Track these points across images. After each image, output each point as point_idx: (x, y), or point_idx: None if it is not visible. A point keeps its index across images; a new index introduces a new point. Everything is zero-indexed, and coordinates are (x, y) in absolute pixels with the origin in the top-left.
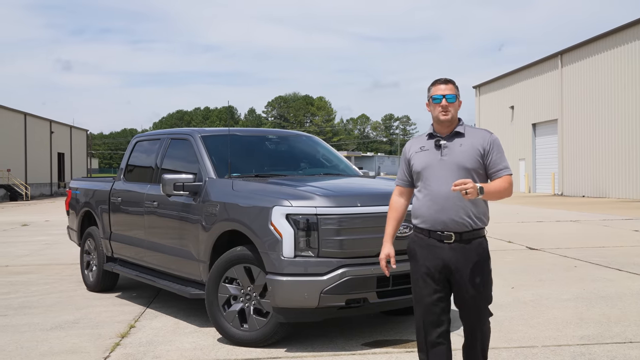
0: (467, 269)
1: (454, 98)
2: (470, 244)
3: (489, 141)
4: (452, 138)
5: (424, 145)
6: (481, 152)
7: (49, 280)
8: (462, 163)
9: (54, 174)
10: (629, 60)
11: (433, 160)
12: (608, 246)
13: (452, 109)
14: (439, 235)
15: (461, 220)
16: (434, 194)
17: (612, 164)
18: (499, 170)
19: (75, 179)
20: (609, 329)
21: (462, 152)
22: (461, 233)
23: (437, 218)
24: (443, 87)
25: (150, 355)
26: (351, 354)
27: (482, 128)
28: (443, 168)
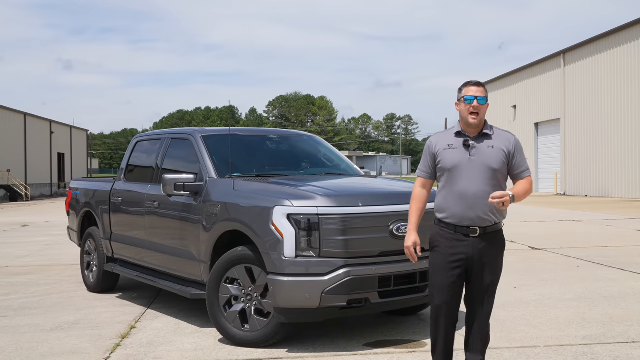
0: (488, 257)
1: (484, 100)
2: (492, 237)
3: (514, 144)
4: (480, 139)
5: (452, 143)
6: (506, 154)
7: (50, 281)
8: (489, 164)
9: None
10: (632, 59)
11: (462, 159)
12: (611, 246)
13: (481, 110)
14: (466, 230)
15: (487, 217)
16: (462, 192)
17: (615, 164)
18: (522, 172)
19: (75, 179)
20: (611, 329)
21: (489, 154)
22: (485, 227)
23: (465, 215)
24: (475, 89)
25: (151, 356)
26: (353, 354)
27: (505, 130)
28: (471, 168)
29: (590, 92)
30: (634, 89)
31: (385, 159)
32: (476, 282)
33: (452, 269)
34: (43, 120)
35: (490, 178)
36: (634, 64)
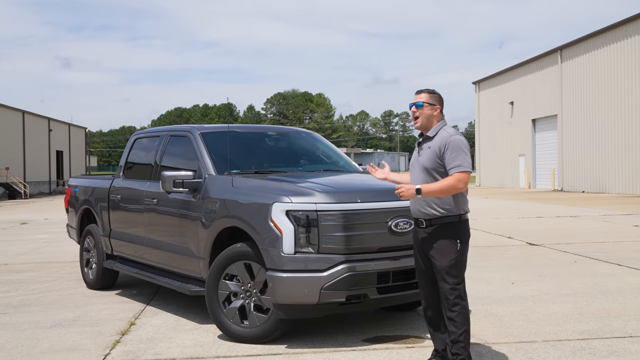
0: (434, 245)
1: (420, 104)
2: (440, 228)
3: (445, 142)
4: (425, 141)
5: (417, 144)
6: (438, 153)
7: (49, 278)
8: (424, 164)
9: (53, 172)
10: (628, 55)
11: (414, 158)
12: (608, 241)
13: (420, 114)
14: (416, 221)
15: (425, 210)
16: None
17: (612, 160)
18: (451, 169)
19: (74, 177)
20: (609, 324)
21: (425, 154)
22: (430, 220)
23: (412, 208)
24: (416, 96)
25: (150, 352)
26: (352, 350)
27: (451, 130)
28: (415, 166)
29: (587, 88)
30: (630, 85)
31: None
32: (430, 267)
33: (416, 254)
34: (41, 118)
35: (427, 176)
36: (630, 60)
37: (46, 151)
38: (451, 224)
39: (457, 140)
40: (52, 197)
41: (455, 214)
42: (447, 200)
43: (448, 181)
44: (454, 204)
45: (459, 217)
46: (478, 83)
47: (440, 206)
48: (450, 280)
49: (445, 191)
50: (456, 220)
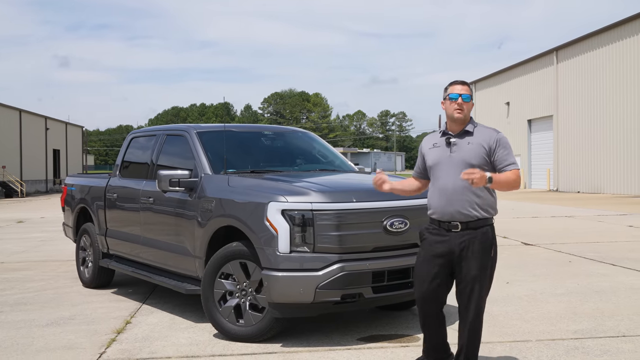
0: (471, 252)
1: (469, 98)
2: (475, 231)
3: (495, 139)
4: (461, 136)
5: (437, 142)
6: (486, 149)
7: (45, 277)
8: (467, 160)
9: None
10: (624, 57)
11: (443, 156)
12: (602, 241)
13: (466, 107)
14: (447, 225)
15: (466, 212)
16: (442, 187)
17: (607, 160)
18: (507, 165)
19: (70, 175)
20: (602, 323)
21: (469, 150)
22: (467, 222)
23: (445, 210)
24: (459, 87)
25: (146, 350)
26: (347, 348)
27: (491, 127)
28: (451, 164)
29: (582, 89)
30: (626, 86)
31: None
32: (460, 277)
33: (434, 262)
34: (38, 117)
35: None
36: (626, 61)
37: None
38: (488, 227)
39: (506, 139)
40: (48, 196)
41: (491, 217)
42: (490, 201)
43: (511, 175)
44: (493, 205)
45: (493, 220)
46: (474, 83)
47: (482, 207)
48: (484, 290)
49: (509, 185)
50: (491, 223)
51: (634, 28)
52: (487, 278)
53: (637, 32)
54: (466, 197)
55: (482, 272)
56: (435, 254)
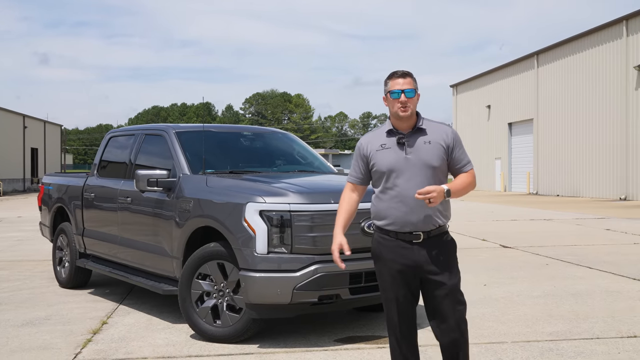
0: (439, 262)
1: (412, 93)
2: (439, 240)
3: (452, 137)
4: (414, 135)
5: (385, 142)
6: (445, 148)
7: (21, 277)
8: (428, 161)
9: (27, 169)
10: (603, 61)
11: (398, 160)
12: (580, 244)
13: (411, 104)
14: (408, 235)
15: (430, 220)
16: (402, 195)
17: (586, 164)
18: (464, 166)
19: (47, 174)
20: (577, 325)
21: (428, 150)
22: (429, 231)
23: (406, 219)
24: (401, 81)
25: (122, 351)
26: (323, 349)
27: (439, 122)
28: (409, 168)
29: (562, 93)
30: (605, 91)
31: None
32: (434, 291)
33: (400, 279)
34: (16, 115)
35: (430, 177)
36: (605, 65)
37: (21, 148)
38: (447, 234)
39: (458, 134)
40: (26, 195)
41: (447, 223)
42: (448, 207)
43: (469, 179)
44: (450, 210)
45: (448, 226)
46: (456, 86)
47: (442, 214)
48: (462, 298)
49: (467, 191)
50: (447, 228)
51: (613, 33)
52: (460, 287)
53: (616, 37)
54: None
55: (455, 282)
56: (399, 271)
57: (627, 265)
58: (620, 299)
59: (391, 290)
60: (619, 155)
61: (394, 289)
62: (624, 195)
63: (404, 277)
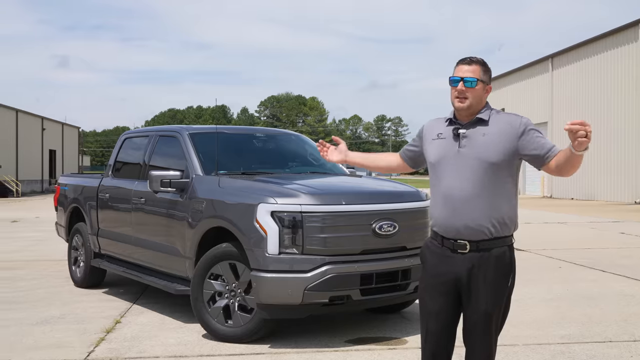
0: (482, 282)
1: (474, 82)
2: (489, 254)
3: (523, 123)
4: (473, 126)
5: (442, 132)
6: (509, 139)
7: (37, 276)
8: (484, 157)
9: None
10: (618, 64)
11: (449, 152)
12: (594, 248)
13: (470, 95)
14: (452, 243)
15: (477, 227)
16: (446, 193)
17: (601, 168)
18: (552, 148)
19: (63, 175)
20: (589, 329)
21: (484, 143)
22: (477, 242)
23: (449, 223)
24: (465, 67)
25: (134, 350)
26: (334, 350)
27: (511, 112)
28: (459, 162)
29: (577, 96)
30: (620, 94)
31: None
32: (468, 312)
33: (439, 291)
34: (35, 117)
35: (485, 175)
36: (620, 69)
37: (39, 150)
38: (505, 248)
39: (531, 122)
40: (44, 196)
41: (510, 234)
42: (509, 213)
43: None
44: (514, 218)
45: (512, 239)
46: None
47: (498, 221)
48: (495, 331)
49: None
50: (510, 242)
51: (628, 36)
52: (500, 314)
53: (631, 41)
54: (478, 207)
55: (496, 308)
56: (438, 281)
57: None
58: (634, 303)
59: (427, 301)
60: (634, 158)
61: (429, 300)
62: (638, 199)
63: (442, 290)
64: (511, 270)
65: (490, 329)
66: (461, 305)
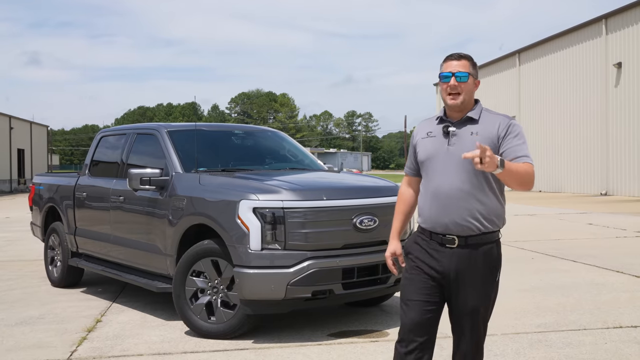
0: (469, 276)
1: (465, 77)
2: (477, 250)
3: (505, 126)
4: (463, 124)
5: (432, 130)
6: (495, 140)
7: (12, 277)
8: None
9: (14, 170)
10: (583, 59)
11: (439, 149)
12: (564, 239)
13: (463, 91)
14: (441, 238)
15: (465, 223)
16: (435, 189)
17: (568, 160)
18: (519, 157)
19: (38, 174)
20: (564, 317)
21: (472, 142)
22: (466, 237)
23: (438, 219)
24: (455, 63)
25: (117, 348)
26: (317, 344)
27: (502, 113)
28: (449, 160)
29: (544, 91)
30: (585, 88)
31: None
32: (455, 306)
33: (424, 285)
34: (2, 116)
35: (473, 173)
36: (585, 63)
37: (7, 149)
38: (492, 245)
39: (520, 127)
40: (13, 196)
41: (497, 230)
42: (496, 210)
43: (528, 169)
44: (501, 215)
45: (499, 235)
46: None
47: (486, 217)
48: (483, 327)
49: (522, 180)
50: (497, 238)
51: (593, 31)
52: (489, 309)
53: (596, 36)
54: (466, 204)
55: (484, 302)
56: (425, 275)
57: (611, 258)
58: (605, 291)
59: (410, 293)
60: (600, 151)
61: (413, 292)
62: (604, 191)
63: (427, 284)
64: (498, 264)
65: (479, 322)
66: (444, 297)
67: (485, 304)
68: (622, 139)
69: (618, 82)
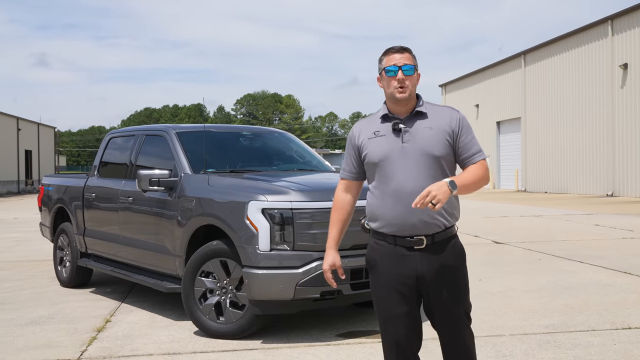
0: (445, 276)
1: (411, 70)
2: (445, 246)
3: (458, 121)
4: (412, 120)
5: (379, 129)
6: (450, 134)
7: (22, 277)
8: (429, 150)
9: (22, 171)
10: (589, 60)
11: (393, 148)
12: (570, 240)
13: (409, 83)
14: (408, 241)
15: (433, 220)
16: (397, 190)
17: (573, 161)
18: (473, 155)
19: (47, 175)
20: (572, 318)
21: (428, 137)
22: (433, 235)
23: (404, 220)
24: (398, 56)
25: (127, 348)
26: (326, 344)
27: (445, 105)
28: (406, 158)
29: (549, 92)
30: (591, 89)
31: None
32: (436, 307)
33: (401, 294)
34: (10, 117)
35: (432, 168)
36: (591, 64)
37: (15, 150)
38: (455, 238)
39: (467, 119)
40: (21, 197)
41: (455, 223)
42: (455, 204)
43: (479, 171)
44: (459, 207)
45: (456, 226)
46: (444, 86)
47: (448, 212)
48: (467, 321)
49: (478, 185)
50: (456, 231)
51: (599, 32)
52: (469, 306)
53: (602, 37)
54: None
55: (463, 292)
56: (398, 284)
57: (618, 259)
58: (613, 292)
59: (389, 307)
60: (606, 152)
61: (392, 306)
62: (610, 192)
63: (403, 294)
64: (464, 254)
65: (462, 315)
66: (420, 299)
67: (466, 294)
68: (628, 139)
69: (624, 83)
